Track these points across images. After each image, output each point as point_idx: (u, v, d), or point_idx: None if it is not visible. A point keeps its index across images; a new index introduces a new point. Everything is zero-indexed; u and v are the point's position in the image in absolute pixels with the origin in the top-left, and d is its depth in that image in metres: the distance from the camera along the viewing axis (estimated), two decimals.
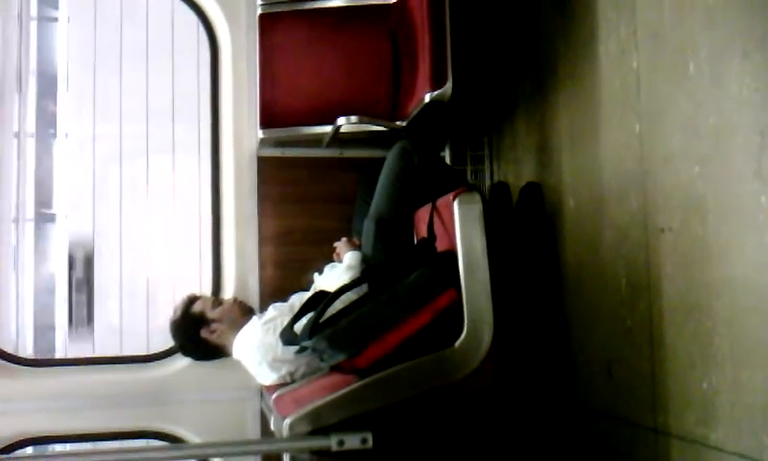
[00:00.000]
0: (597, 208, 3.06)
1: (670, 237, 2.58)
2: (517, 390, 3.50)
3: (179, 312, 3.55)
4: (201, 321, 3.48)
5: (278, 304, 3.35)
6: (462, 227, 2.68)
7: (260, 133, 3.81)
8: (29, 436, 3.74)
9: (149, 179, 6.50)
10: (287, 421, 2.60)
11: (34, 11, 5.81)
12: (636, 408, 2.80)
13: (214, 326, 3.46)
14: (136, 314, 6.48)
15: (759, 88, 2.16)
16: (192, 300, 3.59)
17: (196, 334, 3.49)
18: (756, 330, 2.18)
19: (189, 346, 3.58)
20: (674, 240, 2.56)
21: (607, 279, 2.98)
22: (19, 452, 3.70)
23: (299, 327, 2.78)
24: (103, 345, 6.69)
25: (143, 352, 4.14)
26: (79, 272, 7.04)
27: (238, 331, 3.36)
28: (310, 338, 2.63)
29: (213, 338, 3.46)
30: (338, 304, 2.76)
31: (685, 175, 2.48)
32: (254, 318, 3.35)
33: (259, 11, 3.82)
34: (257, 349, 3.24)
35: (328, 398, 2.64)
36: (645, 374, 2.71)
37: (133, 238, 6.65)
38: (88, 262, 6.92)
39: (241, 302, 3.60)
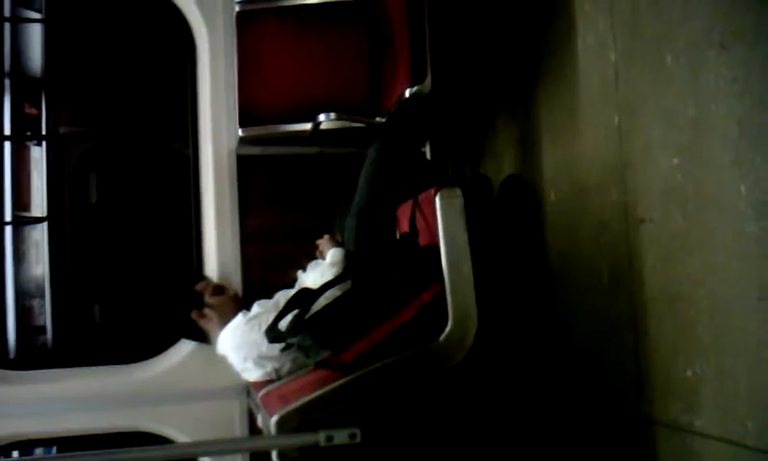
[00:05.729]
0: (578, 201, 3.08)
1: (651, 228, 2.60)
2: (502, 381, 3.52)
3: (179, 285, 3.56)
4: (196, 301, 3.49)
5: (263, 301, 3.34)
6: (444, 221, 2.68)
7: (239, 132, 3.80)
8: (14, 439, 3.72)
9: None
10: (274, 418, 2.60)
11: (7, 11, 5.74)
12: (621, 397, 2.83)
13: (206, 311, 3.47)
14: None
15: (737, 79, 2.18)
16: (197, 277, 3.61)
17: (186, 311, 3.49)
18: (737, 318, 2.20)
19: (176, 319, 3.59)
20: (654, 231, 2.58)
21: (589, 271, 3.00)
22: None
23: (283, 324, 2.78)
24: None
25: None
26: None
27: (224, 326, 3.36)
28: (295, 335, 2.64)
29: (201, 322, 3.47)
30: (322, 301, 2.75)
31: (665, 166, 2.49)
32: (240, 315, 3.34)
33: (236, 8, 3.80)
34: (242, 346, 3.23)
35: (315, 394, 2.63)
36: (629, 363, 2.73)
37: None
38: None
39: (240, 300, 3.60)
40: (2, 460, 3.82)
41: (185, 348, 3.84)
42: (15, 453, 3.85)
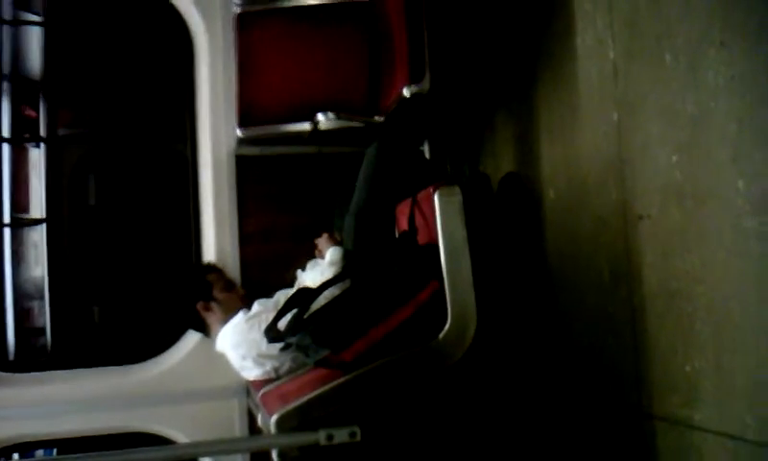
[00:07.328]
0: (577, 198, 3.09)
1: (649, 224, 2.61)
2: (502, 379, 3.52)
3: (191, 272, 3.56)
4: (204, 293, 3.51)
5: (263, 300, 3.35)
6: (443, 219, 2.68)
7: (238, 132, 3.80)
8: (15, 441, 3.72)
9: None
10: (274, 417, 2.61)
11: (7, 13, 5.75)
12: (620, 392, 2.83)
13: (212, 304, 3.48)
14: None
15: (735, 76, 2.19)
16: (211, 269, 3.63)
17: (192, 301, 3.51)
18: (736, 314, 2.21)
19: (179, 305, 3.61)
20: (653, 227, 2.59)
21: (588, 268, 3.01)
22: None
23: (283, 323, 2.78)
24: None
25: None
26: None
27: (226, 323, 3.36)
28: (294, 335, 2.63)
29: (204, 314, 3.48)
30: (321, 300, 2.75)
31: (663, 162, 2.50)
32: (240, 313, 3.34)
33: (235, 9, 3.80)
34: (241, 344, 3.24)
35: (315, 393, 2.64)
36: (629, 359, 2.74)
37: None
38: None
39: (246, 300, 3.59)
40: None
41: (184, 348, 3.84)
42: (16, 455, 3.84)
